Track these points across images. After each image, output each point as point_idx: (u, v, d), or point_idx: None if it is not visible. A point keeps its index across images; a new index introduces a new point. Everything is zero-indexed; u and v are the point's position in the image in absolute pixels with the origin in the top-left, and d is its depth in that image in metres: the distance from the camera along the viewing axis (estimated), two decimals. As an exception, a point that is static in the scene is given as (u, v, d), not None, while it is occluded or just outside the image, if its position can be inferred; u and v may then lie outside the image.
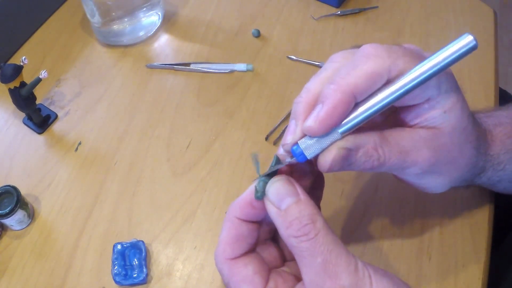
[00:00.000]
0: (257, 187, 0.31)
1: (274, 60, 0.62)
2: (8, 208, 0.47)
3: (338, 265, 0.28)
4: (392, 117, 0.35)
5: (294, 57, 0.62)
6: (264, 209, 0.31)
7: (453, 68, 0.34)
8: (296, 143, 0.31)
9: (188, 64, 0.61)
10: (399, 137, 0.33)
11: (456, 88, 0.33)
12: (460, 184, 0.39)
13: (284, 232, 0.29)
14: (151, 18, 0.64)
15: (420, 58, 0.31)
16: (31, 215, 0.50)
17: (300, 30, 0.65)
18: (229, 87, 0.59)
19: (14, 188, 0.48)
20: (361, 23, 0.65)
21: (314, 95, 0.32)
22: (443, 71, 0.30)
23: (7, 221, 0.48)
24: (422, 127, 0.33)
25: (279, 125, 0.55)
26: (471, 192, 0.49)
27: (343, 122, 0.31)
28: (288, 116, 0.56)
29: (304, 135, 0.31)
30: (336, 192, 0.50)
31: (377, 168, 0.32)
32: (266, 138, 0.55)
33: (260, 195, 0.31)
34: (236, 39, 0.64)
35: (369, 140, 0.32)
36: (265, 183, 0.31)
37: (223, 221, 0.33)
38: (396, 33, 0.64)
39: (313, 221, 0.29)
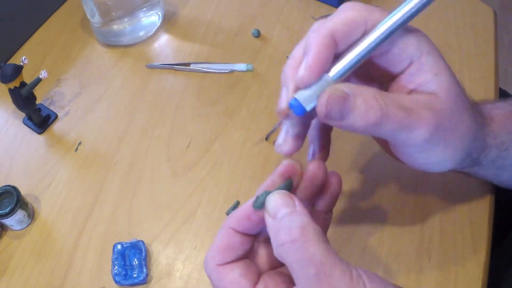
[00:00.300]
0: (259, 197, 0.31)
1: (274, 60, 0.62)
2: (8, 208, 0.47)
3: (333, 276, 0.28)
4: (387, 88, 0.36)
5: (294, 57, 0.62)
6: (259, 223, 0.31)
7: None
8: (293, 98, 0.32)
9: (188, 64, 0.61)
10: (399, 98, 0.32)
11: (439, 54, 0.34)
12: (465, 161, 0.38)
13: (273, 241, 0.29)
14: (151, 18, 0.64)
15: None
16: (31, 215, 0.50)
17: (300, 30, 0.65)
18: (229, 87, 0.59)
19: (14, 188, 0.48)
20: (361, 23, 0.65)
21: (299, 59, 0.33)
22: (414, 16, 0.33)
23: (7, 221, 0.48)
24: (418, 93, 0.33)
25: (279, 125, 0.55)
26: (471, 192, 0.50)
27: (332, 69, 0.31)
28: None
29: (297, 90, 0.32)
30: (336, 192, 0.50)
31: (380, 125, 0.31)
32: (266, 138, 0.55)
33: (259, 205, 0.31)
34: (236, 39, 0.64)
35: (368, 90, 0.31)
36: (267, 195, 0.31)
37: (221, 227, 0.33)
38: (396, 33, 0.64)
39: (302, 228, 0.28)
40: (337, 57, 0.32)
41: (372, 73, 0.36)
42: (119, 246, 0.47)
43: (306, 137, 0.37)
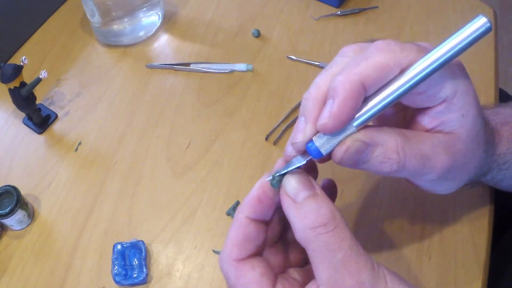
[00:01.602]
0: (274, 176, 0.31)
1: (274, 60, 0.62)
2: (8, 208, 0.47)
3: (359, 262, 0.27)
4: (408, 121, 0.35)
5: (294, 57, 0.62)
6: (271, 205, 0.31)
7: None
8: (311, 140, 0.31)
9: (188, 64, 0.61)
10: (420, 141, 0.31)
11: (472, 92, 0.32)
12: (468, 183, 0.38)
13: (299, 224, 0.28)
14: (151, 18, 0.64)
15: None
16: (31, 215, 0.50)
17: (300, 30, 0.65)
18: (229, 87, 0.59)
19: (14, 188, 0.48)
20: (361, 23, 0.66)
21: (323, 90, 0.31)
22: (457, 56, 0.29)
23: (7, 221, 0.48)
24: (439, 132, 0.32)
25: (279, 125, 0.55)
26: (471, 192, 0.49)
27: (356, 116, 0.30)
28: (288, 116, 0.56)
29: (316, 132, 0.30)
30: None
31: (394, 172, 0.31)
32: (266, 138, 0.55)
33: (276, 183, 0.30)
34: (236, 39, 0.64)
35: (390, 139, 0.30)
36: (282, 176, 0.31)
37: (231, 223, 0.32)
38: (396, 33, 0.64)
39: (332, 212, 0.28)
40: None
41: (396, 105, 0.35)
42: (119, 246, 0.47)
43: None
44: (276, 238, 0.34)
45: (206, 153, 0.54)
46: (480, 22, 0.28)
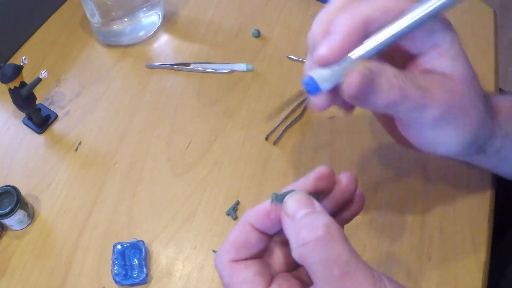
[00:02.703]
0: (282, 193, 0.30)
1: (274, 60, 0.62)
2: (8, 208, 0.47)
3: (357, 277, 0.26)
4: (404, 66, 0.36)
5: (294, 57, 0.62)
6: (278, 223, 0.30)
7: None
8: (308, 75, 0.30)
9: (188, 64, 0.61)
10: (416, 77, 0.33)
11: (459, 43, 0.34)
12: (472, 147, 0.38)
13: (294, 240, 0.28)
14: (151, 18, 0.64)
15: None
16: (31, 215, 0.50)
17: (300, 30, 0.65)
18: (229, 87, 0.59)
19: (14, 188, 0.48)
20: (361, 23, 0.65)
21: (326, 26, 0.32)
22: (450, 6, 0.33)
23: (7, 221, 0.48)
24: (430, 73, 0.34)
25: (279, 125, 0.55)
26: (471, 192, 0.50)
27: (355, 51, 0.30)
28: (288, 116, 0.56)
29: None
30: (336, 192, 0.50)
31: (399, 104, 0.31)
32: (266, 138, 0.55)
33: (280, 199, 0.30)
34: (236, 39, 0.64)
35: (388, 68, 0.31)
36: (285, 195, 0.30)
37: (236, 224, 0.32)
38: (396, 33, 0.64)
39: (327, 226, 0.27)
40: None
41: (391, 51, 0.35)
42: (119, 246, 0.47)
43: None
44: (279, 238, 0.34)
45: (206, 153, 0.54)
46: None
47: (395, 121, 0.37)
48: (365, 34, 0.31)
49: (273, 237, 0.33)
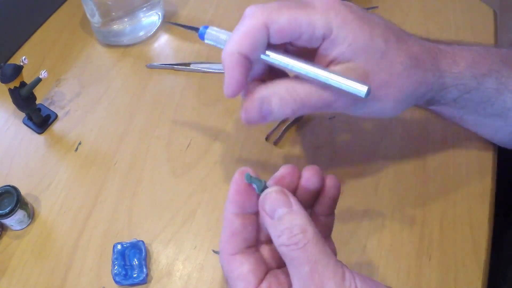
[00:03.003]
0: (251, 175, 0.33)
1: (274, 60, 0.62)
2: (8, 208, 0.47)
3: (324, 275, 0.29)
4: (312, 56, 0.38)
5: (294, 57, 0.62)
6: (250, 196, 0.33)
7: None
8: (206, 25, 0.41)
9: (188, 64, 0.61)
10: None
11: (349, 18, 0.35)
12: (416, 102, 0.40)
13: (276, 240, 0.31)
14: (151, 18, 0.64)
15: (298, 6, 0.35)
16: (31, 215, 0.50)
17: (300, 30, 0.65)
18: (229, 87, 0.59)
19: (14, 188, 0.48)
20: (361, 23, 0.65)
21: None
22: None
23: (7, 221, 0.48)
24: (337, 64, 0.36)
25: (279, 125, 0.55)
26: (471, 192, 0.50)
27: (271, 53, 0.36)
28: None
29: None
30: (336, 192, 0.50)
31: (300, 110, 0.36)
32: (266, 138, 0.55)
33: (247, 178, 0.33)
34: (236, 39, 0.64)
35: (280, 85, 0.36)
36: (261, 183, 0.33)
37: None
38: (396, 33, 0.64)
39: (303, 231, 0.30)
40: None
41: (294, 50, 0.39)
42: (119, 246, 0.47)
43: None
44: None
45: (206, 153, 0.54)
46: (360, 87, 0.34)
47: None
48: (249, 62, 0.36)
49: (257, 215, 0.34)
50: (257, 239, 0.34)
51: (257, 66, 0.39)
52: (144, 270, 0.45)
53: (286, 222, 0.30)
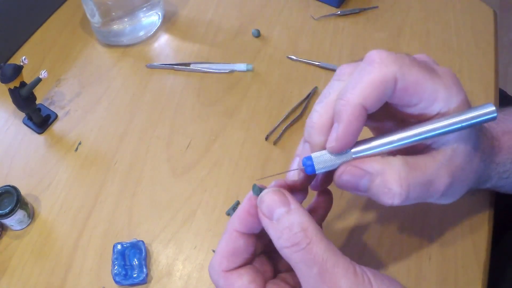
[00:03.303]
0: (257, 185, 0.32)
1: (274, 60, 0.62)
2: (8, 208, 0.47)
3: (335, 273, 0.28)
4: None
5: (294, 57, 0.62)
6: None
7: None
8: (309, 156, 0.32)
9: (188, 64, 0.61)
10: (424, 166, 0.32)
11: (466, 104, 0.32)
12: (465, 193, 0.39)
13: (277, 242, 0.29)
14: (151, 18, 0.64)
15: (427, 69, 0.31)
16: (31, 215, 0.50)
17: (300, 30, 0.65)
18: (229, 87, 0.59)
19: (14, 188, 0.48)
20: (361, 23, 0.66)
21: (325, 117, 0.32)
22: (458, 130, 0.31)
23: (7, 221, 0.48)
24: (437, 151, 0.32)
25: (279, 125, 0.55)
26: (471, 192, 0.49)
27: (358, 147, 0.31)
28: (288, 116, 0.56)
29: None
30: (336, 192, 0.50)
31: (397, 204, 0.31)
32: (266, 138, 0.55)
33: (257, 191, 0.31)
34: (236, 39, 0.64)
35: (391, 170, 0.31)
36: (262, 190, 0.32)
37: (223, 233, 0.33)
38: (396, 33, 0.64)
39: (304, 229, 0.29)
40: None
41: (393, 113, 0.34)
42: (119, 246, 0.47)
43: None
44: (266, 247, 0.35)
45: (206, 153, 0.54)
46: (488, 109, 0.30)
47: None
48: (366, 115, 0.31)
49: (261, 240, 0.34)
50: (253, 258, 0.34)
51: None
52: (144, 270, 0.45)
53: (285, 222, 0.29)
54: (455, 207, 0.49)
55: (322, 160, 0.32)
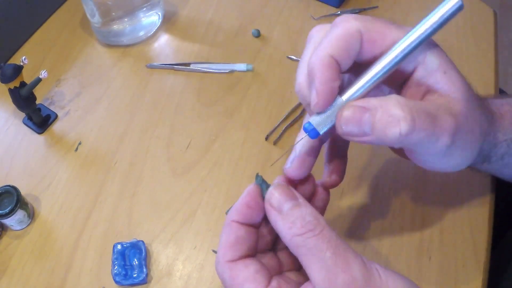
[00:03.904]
0: (257, 177, 0.33)
1: (274, 60, 0.62)
2: (8, 208, 0.47)
3: (348, 257, 0.28)
4: (401, 87, 0.35)
5: (294, 57, 0.62)
6: (259, 210, 0.32)
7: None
8: (307, 121, 0.32)
9: (188, 64, 0.61)
10: (422, 103, 0.31)
11: (441, 51, 0.33)
12: (477, 159, 0.38)
13: (287, 232, 0.29)
14: (151, 18, 0.64)
15: (391, 23, 0.32)
16: (31, 215, 0.50)
17: (300, 30, 0.65)
18: (229, 87, 0.59)
19: (14, 188, 0.48)
20: (361, 23, 0.65)
21: (304, 78, 0.33)
22: (432, 35, 0.31)
23: (7, 221, 0.48)
24: (434, 98, 0.32)
25: (279, 125, 0.55)
26: (471, 192, 0.50)
27: (346, 92, 0.31)
28: (288, 116, 0.56)
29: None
30: (336, 192, 0.50)
31: (406, 136, 0.29)
32: (266, 138, 0.55)
33: (260, 181, 0.32)
34: (236, 39, 0.64)
35: (389, 100, 0.30)
36: (266, 184, 0.32)
37: (222, 227, 0.33)
38: (396, 33, 0.64)
39: (317, 218, 0.29)
40: (356, 68, 0.33)
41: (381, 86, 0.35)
42: (119, 246, 0.47)
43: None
44: (269, 246, 0.35)
45: (206, 153, 0.54)
46: (452, 2, 0.32)
47: (405, 151, 0.36)
48: (339, 67, 0.31)
49: (262, 237, 0.34)
50: (255, 250, 0.33)
51: None
52: (144, 270, 0.45)
53: (297, 212, 0.30)
54: (455, 207, 0.49)
55: (321, 120, 0.31)
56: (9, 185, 0.48)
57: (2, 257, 0.48)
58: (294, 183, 0.35)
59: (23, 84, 0.52)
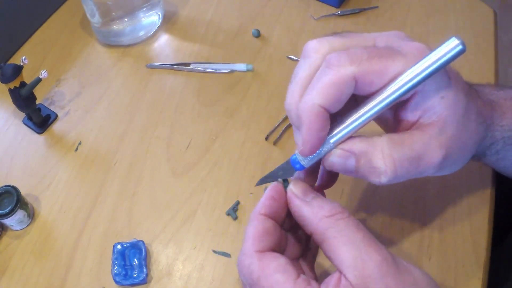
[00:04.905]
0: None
1: (274, 60, 0.62)
2: (8, 208, 0.47)
3: (375, 243, 0.29)
4: (394, 121, 0.35)
5: (294, 57, 0.62)
6: (283, 204, 0.33)
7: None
8: (294, 154, 0.34)
9: (188, 64, 0.61)
10: (411, 141, 0.31)
11: (443, 72, 0.32)
12: (473, 158, 0.38)
13: (315, 215, 0.31)
14: (151, 18, 0.64)
15: (389, 54, 0.31)
16: (31, 215, 0.50)
17: (300, 30, 0.65)
18: (229, 87, 0.59)
19: (14, 188, 0.48)
20: (361, 23, 0.65)
21: (296, 96, 0.33)
22: (430, 77, 0.30)
23: (7, 221, 0.48)
24: (427, 124, 0.32)
25: (279, 125, 0.55)
26: (471, 192, 0.50)
27: (334, 133, 0.32)
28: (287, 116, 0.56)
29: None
30: (336, 192, 0.50)
31: (388, 182, 0.31)
32: (266, 138, 0.55)
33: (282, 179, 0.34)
34: (236, 39, 0.64)
35: (373, 148, 0.31)
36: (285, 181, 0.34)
37: (249, 221, 0.33)
38: (396, 33, 0.64)
39: (341, 206, 0.31)
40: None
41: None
42: (119, 246, 0.47)
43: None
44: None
45: (206, 153, 0.54)
46: (452, 43, 0.30)
47: None
48: (328, 115, 0.31)
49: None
50: (280, 248, 0.34)
51: None
52: (144, 270, 0.45)
53: (321, 201, 0.31)
54: (456, 207, 0.49)
55: (307, 158, 0.33)
56: (9, 185, 0.48)
57: (2, 257, 0.48)
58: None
59: (23, 84, 0.52)
